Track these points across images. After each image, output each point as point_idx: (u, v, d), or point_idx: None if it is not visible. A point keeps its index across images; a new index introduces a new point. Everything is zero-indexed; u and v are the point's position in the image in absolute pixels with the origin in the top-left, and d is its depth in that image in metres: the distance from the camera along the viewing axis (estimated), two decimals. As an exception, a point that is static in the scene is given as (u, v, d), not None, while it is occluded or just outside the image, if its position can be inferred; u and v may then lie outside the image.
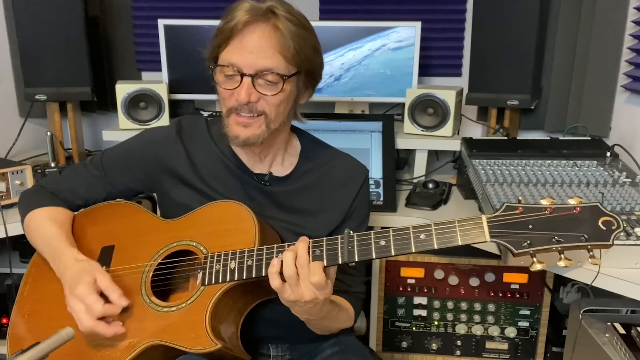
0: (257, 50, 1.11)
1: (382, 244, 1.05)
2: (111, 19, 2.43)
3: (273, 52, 1.12)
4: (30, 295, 1.30)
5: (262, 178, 1.28)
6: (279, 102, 1.16)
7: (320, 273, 1.02)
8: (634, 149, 1.82)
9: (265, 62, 1.12)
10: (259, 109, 1.15)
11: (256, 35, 1.11)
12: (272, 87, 1.14)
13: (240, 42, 1.12)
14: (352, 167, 1.33)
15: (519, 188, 1.62)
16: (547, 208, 1.00)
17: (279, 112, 1.17)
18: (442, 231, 1.03)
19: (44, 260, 1.32)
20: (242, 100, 1.13)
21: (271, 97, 1.14)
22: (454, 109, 2.05)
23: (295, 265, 1.03)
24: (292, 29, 1.12)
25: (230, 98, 1.15)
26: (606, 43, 2.07)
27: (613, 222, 0.98)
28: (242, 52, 1.12)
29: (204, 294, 1.13)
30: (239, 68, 1.12)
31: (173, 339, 1.10)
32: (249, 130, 1.16)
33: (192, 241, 1.21)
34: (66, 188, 1.35)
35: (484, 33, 2.10)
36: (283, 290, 1.05)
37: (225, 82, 1.16)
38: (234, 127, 1.17)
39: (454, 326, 1.92)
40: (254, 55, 1.11)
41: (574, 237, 0.98)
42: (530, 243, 0.99)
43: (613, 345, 1.33)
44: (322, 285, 1.03)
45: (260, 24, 1.11)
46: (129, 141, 1.36)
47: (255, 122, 1.16)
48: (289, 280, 1.03)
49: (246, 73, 1.12)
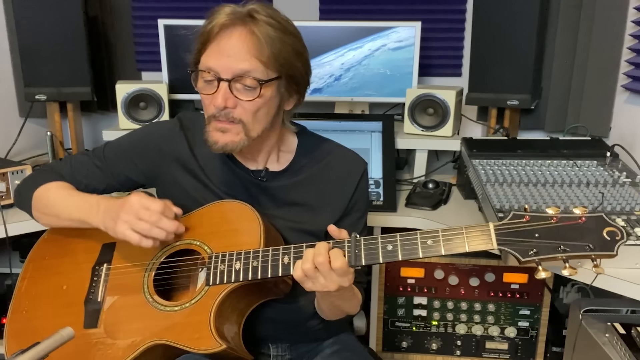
0: (234, 53, 1.10)
1: (389, 248, 1.05)
2: (111, 19, 2.43)
3: (250, 56, 1.10)
4: (28, 291, 1.29)
5: (258, 174, 1.27)
6: (256, 108, 1.14)
7: (342, 258, 1.03)
8: (634, 149, 1.82)
9: (243, 65, 1.10)
10: (236, 117, 1.14)
11: (233, 39, 1.10)
12: (249, 92, 1.12)
13: (217, 46, 1.11)
14: (351, 160, 1.32)
15: (519, 188, 1.62)
16: (553, 217, 1.01)
17: (257, 119, 1.15)
18: (449, 238, 1.04)
19: (43, 256, 1.31)
20: (218, 105, 1.12)
21: (248, 103, 1.12)
22: (454, 109, 2.05)
23: (313, 263, 1.04)
24: (271, 33, 1.10)
25: (210, 105, 1.14)
26: (606, 43, 2.07)
27: (617, 232, 1.00)
28: (219, 56, 1.11)
29: (208, 294, 1.13)
30: (216, 72, 1.11)
31: (176, 339, 1.10)
32: (227, 137, 1.15)
33: (195, 240, 1.20)
34: (68, 174, 1.33)
35: (484, 33, 2.10)
36: (305, 280, 1.06)
37: (205, 87, 1.15)
38: (213, 133, 1.16)
39: (454, 326, 1.93)
40: (231, 58, 1.10)
41: (580, 247, 1.00)
42: (536, 252, 1.00)
43: (613, 345, 1.34)
44: (344, 271, 1.04)
45: (237, 27, 1.10)
46: (132, 133, 1.36)
47: (233, 129, 1.14)
48: (309, 274, 1.04)
49: (223, 77, 1.11)
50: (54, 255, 1.28)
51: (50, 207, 1.27)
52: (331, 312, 1.25)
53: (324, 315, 1.27)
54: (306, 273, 1.04)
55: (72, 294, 1.23)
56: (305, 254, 1.06)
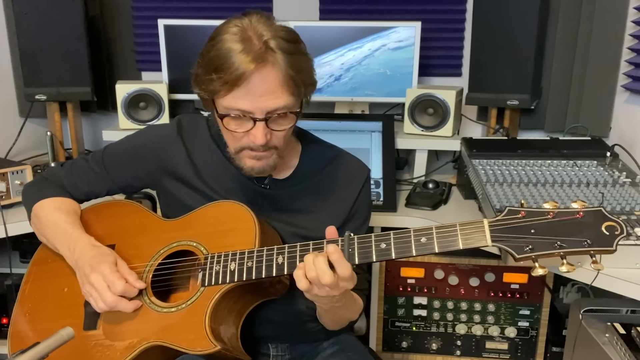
0: (266, 93, 1.08)
1: (382, 247, 1.05)
2: (111, 19, 2.43)
3: (281, 91, 1.09)
4: (32, 294, 1.30)
5: (262, 181, 1.27)
6: (288, 132, 1.16)
7: (345, 264, 1.02)
8: (634, 149, 1.82)
9: (276, 102, 1.09)
10: (271, 145, 1.15)
11: (261, 78, 1.07)
12: (284, 122, 1.13)
13: (246, 88, 1.08)
14: (354, 167, 1.33)
15: (519, 188, 1.62)
16: (550, 212, 0.99)
17: (286, 139, 1.18)
18: (443, 235, 1.02)
19: (46, 259, 1.32)
20: (259, 142, 1.11)
21: (282, 132, 1.14)
22: (454, 109, 2.05)
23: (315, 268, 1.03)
24: (290, 60, 1.09)
25: (243, 139, 1.14)
26: (606, 43, 2.07)
27: (616, 227, 0.97)
28: (251, 98, 1.08)
29: (204, 295, 1.13)
30: (251, 114, 1.10)
31: (172, 339, 1.10)
32: (264, 162, 1.17)
33: (192, 241, 1.20)
34: (69, 182, 1.35)
35: (484, 33, 2.10)
36: (311, 289, 1.05)
37: (235, 125, 1.13)
38: (247, 160, 1.17)
39: (454, 326, 1.92)
40: (264, 98, 1.08)
41: (577, 243, 0.97)
42: (532, 248, 0.98)
43: (613, 345, 1.33)
44: (348, 277, 1.03)
45: (260, 68, 1.07)
46: (130, 138, 1.35)
47: (269, 154, 1.16)
48: (314, 282, 1.03)
49: (258, 117, 1.10)
50: (56, 259, 1.29)
51: (41, 228, 1.30)
52: (334, 322, 1.26)
53: (327, 325, 1.28)
54: (308, 288, 1.04)
55: (72, 296, 1.23)
56: (296, 274, 1.04)
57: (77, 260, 1.19)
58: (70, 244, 1.22)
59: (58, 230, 1.26)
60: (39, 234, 1.32)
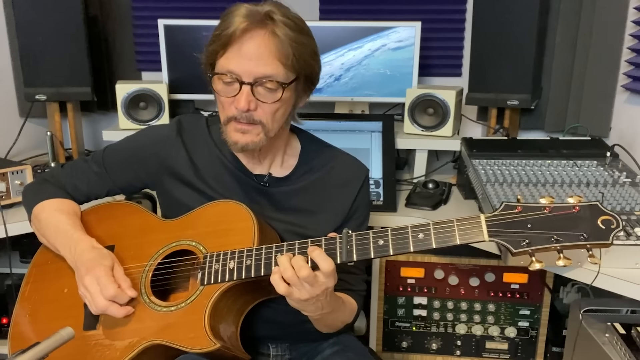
0: (255, 57, 1.10)
1: (380, 243, 1.05)
2: (111, 19, 2.43)
3: (272, 59, 1.11)
4: (32, 295, 1.30)
5: (261, 179, 1.28)
6: (276, 109, 1.16)
7: (305, 266, 1.02)
8: (634, 149, 1.82)
9: (265, 69, 1.11)
10: (256, 118, 1.15)
11: (254, 42, 1.10)
12: (271, 95, 1.13)
13: (238, 50, 1.11)
14: (353, 167, 1.33)
15: (519, 188, 1.62)
16: (546, 207, 1.00)
17: (275, 119, 1.17)
18: (440, 231, 1.03)
19: (46, 261, 1.32)
20: (241, 107, 1.12)
21: (269, 105, 1.14)
22: (454, 109, 2.05)
23: (292, 266, 1.03)
24: (291, 35, 1.11)
25: (230, 107, 1.15)
26: (606, 43, 2.07)
27: (612, 221, 0.98)
28: (240, 60, 1.11)
29: (203, 293, 1.13)
30: (238, 76, 1.12)
31: (172, 338, 1.10)
32: (248, 137, 1.17)
33: (191, 241, 1.21)
34: (69, 183, 1.35)
35: (484, 33, 2.10)
36: (291, 292, 1.04)
37: (224, 90, 1.15)
38: (232, 134, 1.17)
39: (454, 326, 1.92)
40: (252, 62, 1.10)
41: (573, 236, 0.98)
42: (529, 242, 0.99)
43: (613, 345, 1.33)
44: (330, 272, 1.03)
45: (258, 31, 1.10)
46: (130, 139, 1.36)
47: (254, 130, 1.16)
48: (291, 281, 1.03)
49: (245, 81, 1.12)
50: (56, 260, 1.29)
51: (42, 230, 1.30)
52: (328, 327, 1.26)
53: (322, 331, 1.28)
54: (288, 291, 1.04)
55: (72, 297, 1.23)
56: (273, 279, 1.05)
57: (76, 261, 1.19)
58: (72, 246, 1.22)
59: (59, 231, 1.26)
60: (39, 235, 1.32)
